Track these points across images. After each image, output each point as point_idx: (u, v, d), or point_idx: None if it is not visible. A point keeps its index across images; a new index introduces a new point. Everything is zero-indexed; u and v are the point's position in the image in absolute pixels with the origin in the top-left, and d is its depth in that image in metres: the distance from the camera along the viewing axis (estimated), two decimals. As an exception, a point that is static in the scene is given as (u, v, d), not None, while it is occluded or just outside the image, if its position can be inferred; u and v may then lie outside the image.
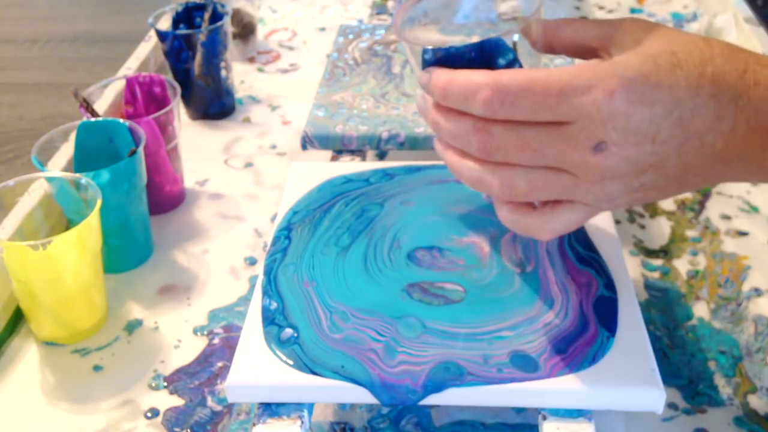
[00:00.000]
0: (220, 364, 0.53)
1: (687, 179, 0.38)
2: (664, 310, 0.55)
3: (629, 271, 0.48)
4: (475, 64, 0.39)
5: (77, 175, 0.54)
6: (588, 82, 0.35)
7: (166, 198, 0.67)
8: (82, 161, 0.61)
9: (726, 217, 0.64)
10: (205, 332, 0.55)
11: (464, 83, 0.37)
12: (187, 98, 0.78)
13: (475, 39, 0.39)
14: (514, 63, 0.39)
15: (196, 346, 0.54)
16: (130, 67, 0.80)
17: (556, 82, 0.35)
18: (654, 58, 0.36)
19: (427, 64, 0.40)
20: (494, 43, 0.38)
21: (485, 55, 0.39)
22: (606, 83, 0.35)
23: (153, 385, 0.51)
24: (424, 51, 0.40)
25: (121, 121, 0.60)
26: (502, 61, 0.39)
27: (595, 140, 0.36)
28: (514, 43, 0.40)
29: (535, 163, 0.38)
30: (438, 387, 0.41)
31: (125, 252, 0.60)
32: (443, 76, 0.39)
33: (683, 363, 0.51)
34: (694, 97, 0.36)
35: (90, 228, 0.51)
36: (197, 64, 0.75)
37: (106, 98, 0.70)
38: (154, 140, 0.62)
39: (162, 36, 0.74)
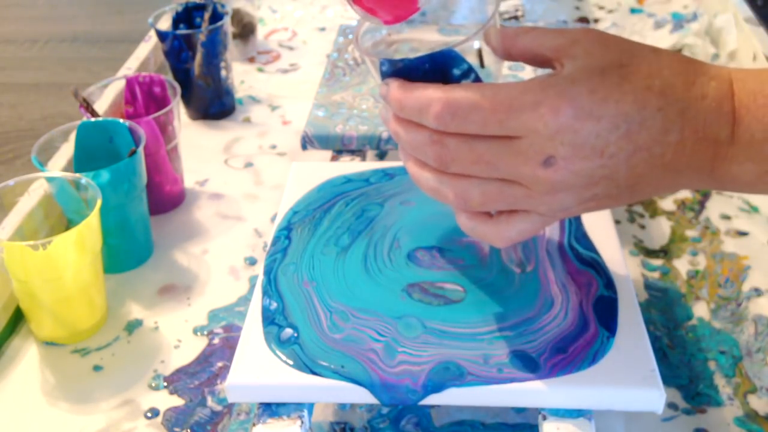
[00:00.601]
0: (220, 364, 0.53)
1: (639, 188, 0.39)
2: (664, 310, 0.55)
3: (629, 271, 0.48)
4: (431, 75, 0.40)
5: (77, 175, 0.54)
6: (535, 99, 0.36)
7: (166, 198, 0.67)
8: (82, 161, 0.61)
9: (726, 217, 0.64)
10: (205, 332, 0.55)
11: (418, 97, 0.38)
12: (187, 98, 0.78)
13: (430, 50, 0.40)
14: (469, 73, 0.40)
15: (196, 346, 0.54)
16: (130, 67, 0.80)
17: (505, 98, 0.36)
18: (602, 72, 0.36)
19: (384, 75, 0.41)
20: (446, 55, 0.39)
21: (439, 66, 0.39)
22: (552, 100, 0.36)
23: (153, 385, 0.51)
24: (381, 63, 0.41)
25: (121, 121, 0.60)
26: (456, 72, 0.40)
27: (544, 155, 0.36)
28: (479, 50, 0.41)
29: (489, 175, 0.38)
30: (438, 387, 0.41)
31: (125, 252, 0.60)
32: (399, 89, 0.39)
33: (683, 363, 0.51)
34: (641, 111, 0.36)
35: (90, 228, 0.51)
36: (197, 64, 0.75)
37: (106, 98, 0.70)
38: (154, 140, 0.62)
39: (162, 36, 0.74)
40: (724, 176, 0.38)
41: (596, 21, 0.95)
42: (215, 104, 0.79)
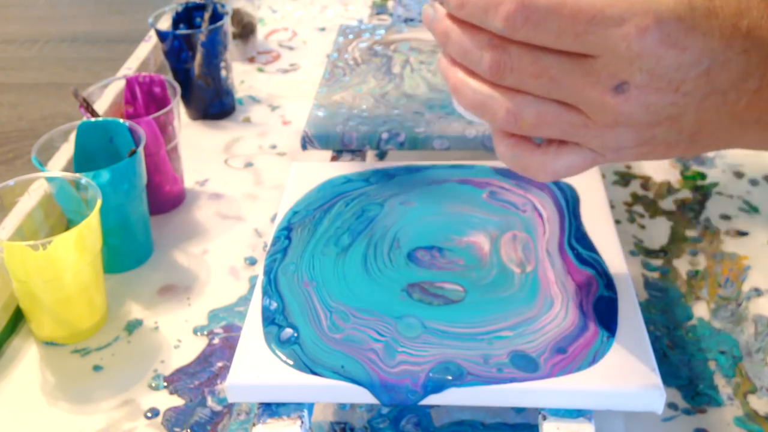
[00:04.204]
0: (220, 364, 0.53)
1: (699, 138, 0.36)
2: (664, 310, 0.55)
3: (629, 271, 0.48)
4: None
5: (77, 175, 0.54)
6: (621, 14, 0.32)
7: (166, 198, 0.67)
8: (82, 161, 0.61)
9: (726, 217, 0.64)
10: (205, 332, 0.55)
11: None
12: (187, 98, 0.78)
13: None
14: None
15: (196, 346, 0.54)
16: (130, 67, 0.80)
17: (588, 7, 0.33)
18: (690, 2, 0.33)
19: None
20: None
21: None
22: (640, 18, 0.32)
23: (153, 385, 0.51)
24: None
25: (121, 121, 0.60)
26: None
27: (618, 80, 0.33)
28: None
29: (548, 94, 0.35)
30: (438, 387, 0.41)
31: (125, 252, 0.60)
32: None
33: (683, 363, 0.51)
34: (726, 50, 0.33)
35: (90, 228, 0.51)
36: (197, 64, 0.75)
37: (106, 98, 0.70)
38: (154, 140, 0.62)
39: (162, 36, 0.74)
40: None
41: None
42: (215, 104, 0.79)
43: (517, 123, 0.36)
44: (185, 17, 0.79)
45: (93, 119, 0.61)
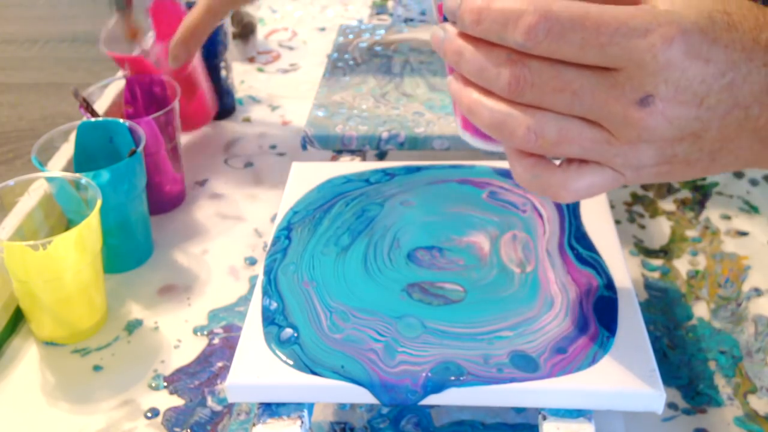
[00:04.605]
0: (220, 364, 0.53)
1: (719, 156, 0.36)
2: (664, 310, 0.55)
3: (629, 271, 0.48)
4: None
5: (77, 175, 0.54)
6: (646, 26, 0.32)
7: (166, 198, 0.67)
8: (82, 161, 0.61)
9: (726, 217, 0.64)
10: (205, 332, 0.55)
11: (505, 8, 0.33)
12: (187, 98, 0.78)
13: None
14: None
15: (196, 346, 0.54)
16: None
17: (612, 19, 0.32)
18: (709, 14, 0.33)
19: None
20: None
21: None
22: (665, 29, 0.32)
23: (153, 385, 0.51)
24: None
25: (121, 121, 0.60)
26: None
27: (643, 92, 0.33)
28: None
29: (570, 110, 0.34)
30: (438, 387, 0.41)
31: (125, 252, 0.60)
32: None
33: (683, 363, 0.51)
34: (747, 62, 0.33)
35: (90, 228, 0.51)
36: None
37: (106, 98, 0.70)
38: (154, 140, 0.62)
39: (162, 36, 0.74)
40: None
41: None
42: (215, 104, 0.79)
43: (537, 141, 0.35)
44: (185, 17, 0.79)
45: (93, 119, 0.61)
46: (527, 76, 0.34)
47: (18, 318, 0.56)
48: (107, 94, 0.70)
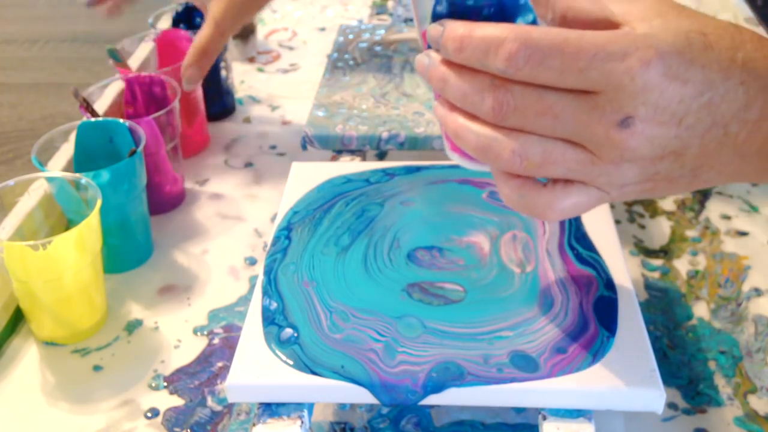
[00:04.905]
0: (220, 364, 0.53)
1: (701, 173, 0.37)
2: (664, 310, 0.55)
3: (629, 271, 0.48)
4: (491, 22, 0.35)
5: (77, 175, 0.54)
6: (624, 49, 0.33)
7: (166, 198, 0.67)
8: (82, 161, 0.61)
9: (726, 217, 0.64)
10: (205, 332, 0.55)
11: (486, 36, 0.34)
12: (187, 98, 0.78)
13: None
14: (533, 24, 0.36)
15: (196, 346, 0.54)
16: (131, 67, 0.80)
17: (590, 44, 0.33)
18: (686, 35, 0.34)
19: (439, 16, 0.37)
20: (515, 1, 0.36)
21: (503, 13, 0.36)
22: (643, 52, 0.33)
23: (153, 385, 0.51)
24: (437, 2, 0.37)
25: (121, 121, 0.60)
26: (521, 22, 0.36)
27: (623, 114, 0.33)
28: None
29: (553, 133, 0.35)
30: (438, 387, 0.41)
31: (125, 252, 0.60)
32: (461, 27, 0.35)
33: (683, 363, 0.51)
34: (725, 81, 0.34)
35: (90, 228, 0.51)
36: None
37: (106, 98, 0.70)
38: (154, 140, 0.62)
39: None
40: None
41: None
42: (215, 104, 0.79)
43: (522, 163, 0.36)
44: (185, 17, 0.79)
45: (93, 119, 0.61)
46: (510, 101, 0.35)
47: (18, 318, 0.56)
48: (107, 94, 0.70)
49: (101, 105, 0.69)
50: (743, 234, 0.62)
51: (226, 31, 0.68)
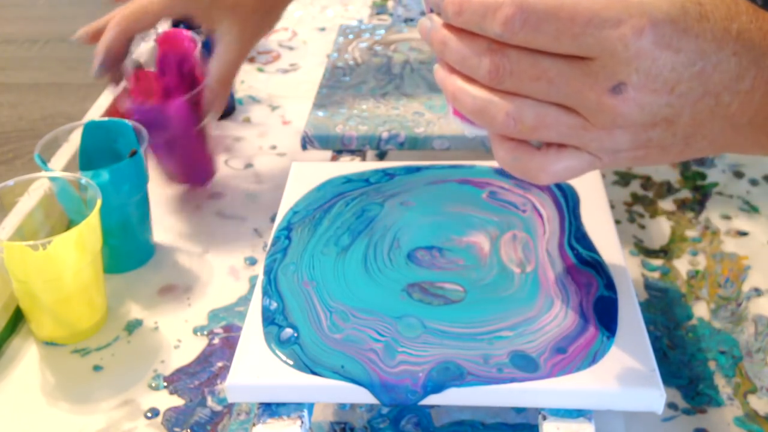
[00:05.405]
0: (220, 364, 0.53)
1: (693, 141, 0.37)
2: (664, 310, 0.55)
3: (629, 271, 0.48)
4: None
5: (77, 174, 0.54)
6: (618, 16, 0.33)
7: (200, 174, 0.69)
8: (87, 161, 0.61)
9: (726, 217, 0.64)
10: (205, 332, 0.55)
11: (484, 0, 0.35)
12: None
13: None
14: None
15: (196, 346, 0.54)
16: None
17: (585, 10, 0.34)
18: (682, 4, 0.35)
19: None
20: None
21: None
22: (636, 20, 0.33)
23: (153, 385, 0.51)
24: None
25: (127, 121, 0.60)
26: None
27: (615, 80, 0.34)
28: None
29: (548, 97, 0.36)
30: (438, 387, 0.41)
31: (126, 252, 0.60)
32: None
33: (683, 363, 0.51)
34: (718, 51, 0.35)
35: (90, 228, 0.51)
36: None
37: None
38: (185, 121, 0.63)
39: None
40: None
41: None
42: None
43: (516, 126, 0.37)
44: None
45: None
46: (506, 65, 0.35)
47: (18, 318, 0.56)
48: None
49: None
50: (743, 234, 0.62)
51: (249, 51, 0.67)
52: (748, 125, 0.37)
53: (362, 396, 0.41)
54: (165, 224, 0.66)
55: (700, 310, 0.55)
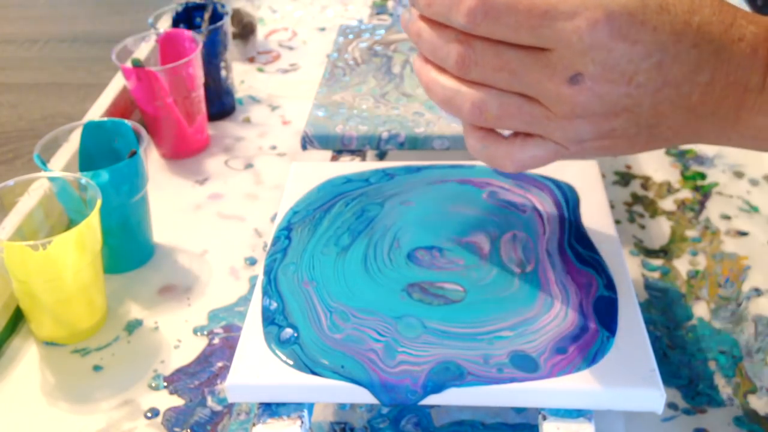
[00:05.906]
0: (220, 364, 0.53)
1: (658, 131, 0.38)
2: (664, 310, 0.55)
3: (629, 271, 0.48)
4: None
5: (77, 174, 0.54)
6: (573, 9, 0.35)
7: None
8: (86, 162, 0.61)
9: (726, 217, 0.64)
10: (205, 332, 0.55)
11: None
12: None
13: None
14: None
15: (196, 346, 0.54)
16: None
17: (542, 3, 0.35)
18: None
19: None
20: None
21: None
22: (591, 12, 0.34)
23: (153, 385, 0.51)
24: None
25: (126, 122, 0.60)
26: None
27: (572, 71, 0.35)
28: None
29: (510, 87, 0.37)
30: (438, 387, 0.41)
31: (126, 252, 0.60)
32: None
33: (683, 363, 0.51)
34: (676, 44, 0.35)
35: (90, 228, 0.51)
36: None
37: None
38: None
39: (162, 36, 0.74)
40: (748, 128, 0.37)
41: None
42: (215, 104, 0.79)
43: (482, 115, 0.38)
44: (185, 17, 0.79)
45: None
46: (471, 56, 0.37)
47: (18, 318, 0.56)
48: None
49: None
50: (743, 234, 0.62)
51: None
52: (712, 116, 0.37)
53: (362, 396, 0.41)
54: (165, 224, 0.66)
55: (700, 310, 0.55)
